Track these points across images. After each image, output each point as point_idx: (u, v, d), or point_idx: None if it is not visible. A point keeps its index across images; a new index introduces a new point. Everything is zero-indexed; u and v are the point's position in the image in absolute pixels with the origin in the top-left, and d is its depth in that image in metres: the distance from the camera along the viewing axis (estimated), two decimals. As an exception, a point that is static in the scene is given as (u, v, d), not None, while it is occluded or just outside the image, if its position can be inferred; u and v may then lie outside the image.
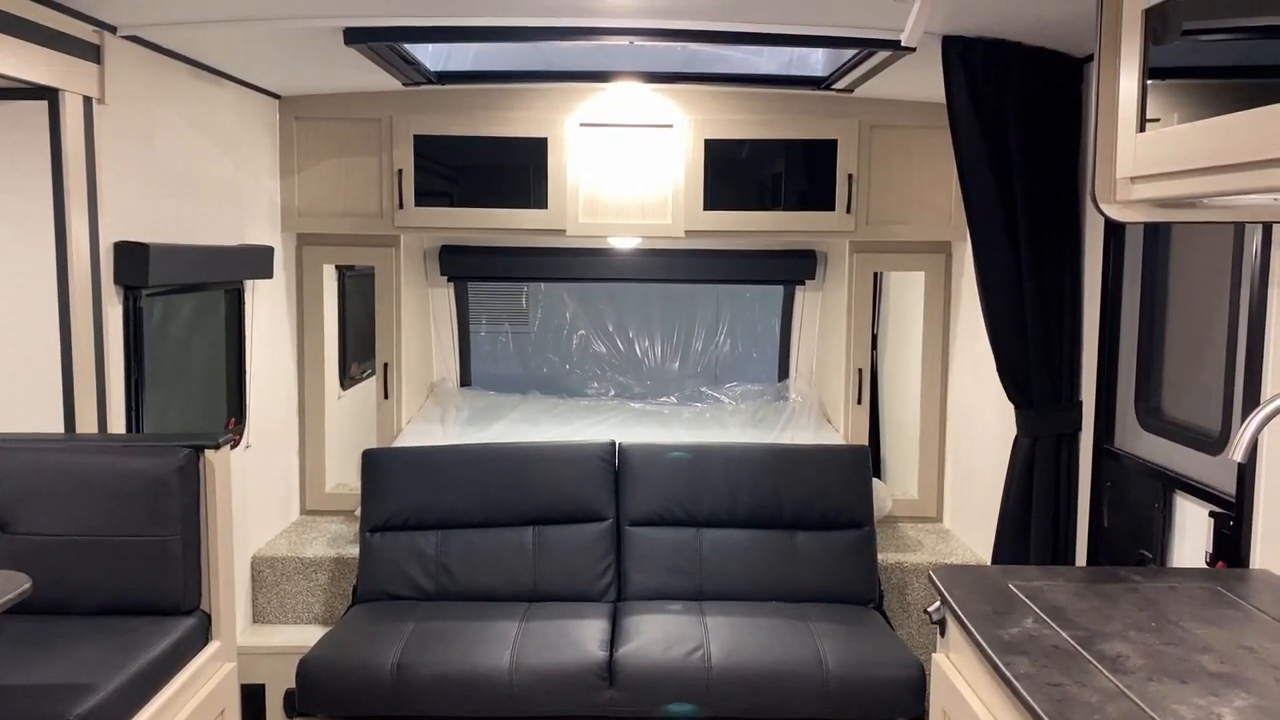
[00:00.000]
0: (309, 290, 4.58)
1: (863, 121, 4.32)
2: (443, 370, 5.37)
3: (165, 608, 2.63)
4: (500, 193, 4.42)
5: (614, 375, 5.68)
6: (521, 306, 5.85)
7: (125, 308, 3.06)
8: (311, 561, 4.15)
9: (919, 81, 3.87)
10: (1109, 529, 3.12)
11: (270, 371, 4.29)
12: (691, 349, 5.77)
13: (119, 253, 2.99)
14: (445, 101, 4.29)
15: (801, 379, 5.34)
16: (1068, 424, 3.32)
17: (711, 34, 3.06)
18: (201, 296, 3.71)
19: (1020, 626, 1.96)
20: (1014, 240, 3.21)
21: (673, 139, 4.32)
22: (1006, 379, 3.36)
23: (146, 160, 3.22)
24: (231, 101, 3.88)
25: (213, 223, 3.71)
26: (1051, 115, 3.19)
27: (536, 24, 3.00)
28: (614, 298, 5.70)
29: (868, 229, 4.39)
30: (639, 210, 4.37)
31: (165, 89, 3.34)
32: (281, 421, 4.47)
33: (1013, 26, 2.96)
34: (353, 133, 4.36)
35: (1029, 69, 3.12)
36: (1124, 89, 2.03)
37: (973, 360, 4.30)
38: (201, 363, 3.82)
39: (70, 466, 2.58)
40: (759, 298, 5.70)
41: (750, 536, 3.91)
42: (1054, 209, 3.23)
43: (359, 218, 4.40)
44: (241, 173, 3.99)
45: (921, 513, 4.69)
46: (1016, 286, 3.24)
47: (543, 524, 3.92)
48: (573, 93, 4.28)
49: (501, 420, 4.88)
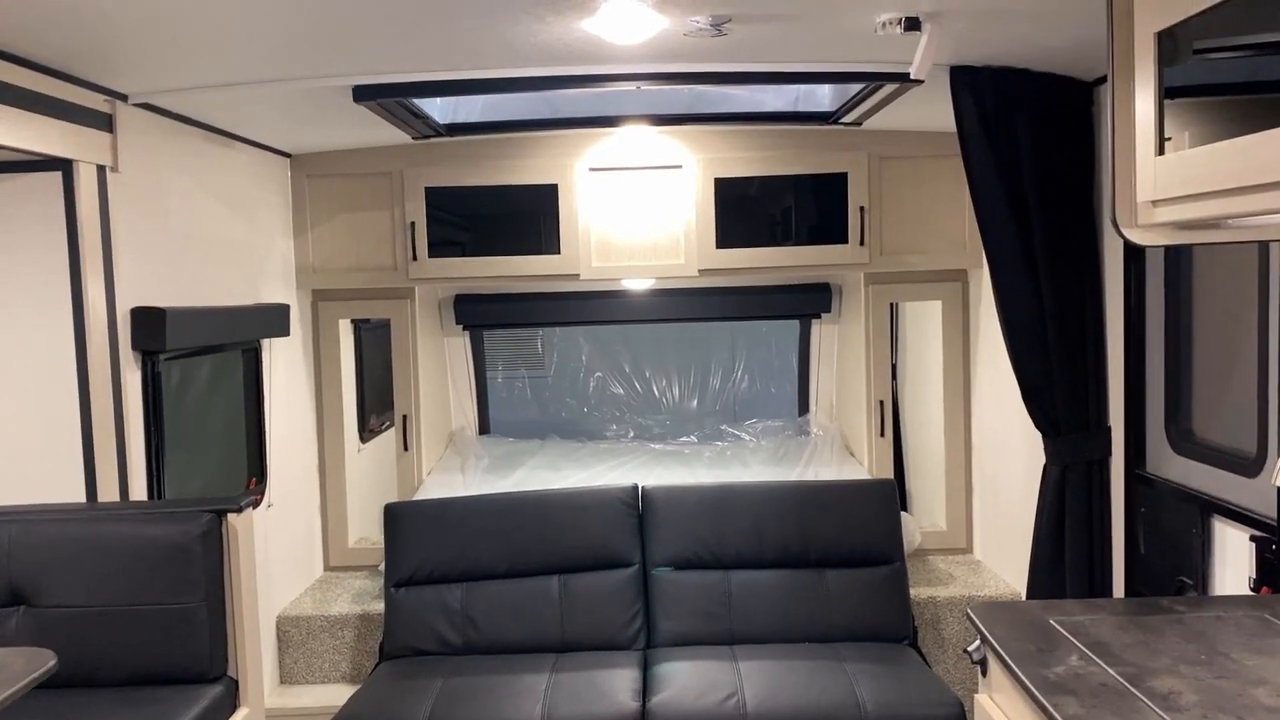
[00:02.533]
0: (325, 345, 4.59)
1: (872, 153, 4.31)
2: (461, 419, 5.35)
3: (192, 676, 2.60)
4: (513, 240, 4.43)
5: (632, 416, 5.65)
6: (537, 351, 5.84)
7: (144, 373, 3.06)
8: (337, 619, 4.11)
9: (927, 112, 3.86)
10: (1146, 556, 3.06)
11: (289, 428, 4.28)
12: (709, 387, 5.74)
13: (136, 318, 2.99)
14: (455, 153, 4.31)
15: (822, 413, 5.30)
16: (1097, 450, 3.26)
17: (718, 76, 3.07)
18: (219, 357, 3.71)
19: (1065, 664, 1.91)
20: (1032, 266, 3.18)
21: (682, 179, 4.32)
22: (1032, 406, 3.31)
23: (160, 225, 3.24)
24: (243, 162, 3.91)
25: (227, 283, 3.72)
26: (1064, 139, 3.18)
27: (544, 74, 3.01)
28: (629, 339, 5.68)
29: (882, 260, 4.37)
30: (652, 251, 4.36)
31: (177, 154, 3.36)
32: (302, 478, 4.45)
33: (1020, 54, 2.95)
34: (364, 188, 4.38)
35: (1039, 95, 3.11)
36: (1140, 112, 2.01)
37: (996, 388, 4.25)
38: (221, 423, 3.81)
39: (92, 537, 2.57)
40: (774, 332, 5.67)
41: (779, 576, 3.85)
42: (1071, 233, 3.20)
43: (373, 271, 4.41)
44: (254, 232, 4.01)
45: (951, 544, 4.61)
46: (1038, 313, 3.20)
47: (568, 572, 3.87)
48: (581, 138, 4.30)
49: (522, 467, 4.85)
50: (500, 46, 2.72)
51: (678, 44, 2.76)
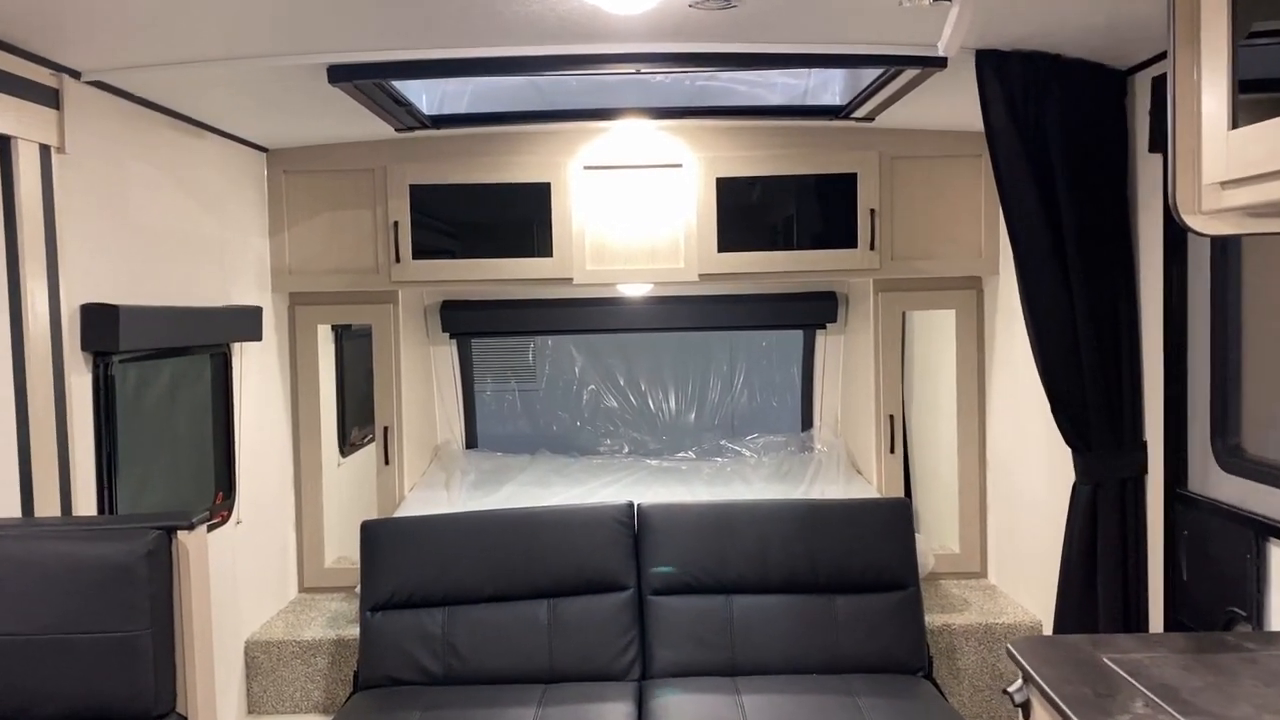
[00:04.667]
0: (303, 352, 4.33)
1: (883, 153, 4.08)
2: (447, 432, 5.09)
3: (136, 712, 2.31)
4: (503, 242, 4.19)
5: (627, 431, 5.41)
6: (528, 362, 5.59)
7: (95, 375, 2.80)
8: (310, 644, 3.84)
9: (942, 108, 3.64)
10: (1189, 583, 2.80)
11: (262, 440, 4.02)
12: (708, 400, 5.51)
13: (86, 316, 2.73)
14: (441, 148, 4.07)
15: (826, 428, 5.05)
16: (1132, 467, 3.02)
17: (725, 57, 2.82)
18: (183, 361, 3.45)
19: (1130, 713, 1.66)
20: (1063, 267, 2.93)
21: (682, 179, 4.09)
22: (1062, 420, 3.06)
23: (117, 216, 2.98)
24: (214, 155, 3.65)
25: (195, 283, 3.47)
26: (1096, 131, 2.94)
27: (534, 53, 2.76)
28: (624, 350, 5.45)
29: (893, 266, 4.13)
30: (649, 255, 4.12)
31: (139, 141, 3.11)
32: (276, 493, 4.18)
33: (1052, 36, 2.72)
34: (345, 185, 4.13)
35: (1069, 83, 2.87)
36: (1209, 83, 1.78)
37: (1013, 401, 4.01)
38: (185, 434, 3.54)
39: (22, 556, 2.28)
40: (775, 343, 5.45)
41: (784, 602, 3.57)
42: (1105, 231, 2.96)
43: (354, 274, 4.16)
44: (227, 230, 3.75)
45: (964, 568, 4.36)
46: (1069, 317, 2.96)
47: (558, 596, 3.59)
48: (576, 134, 4.06)
49: (510, 483, 4.58)
50: (487, 19, 2.48)
51: (682, 18, 2.52)
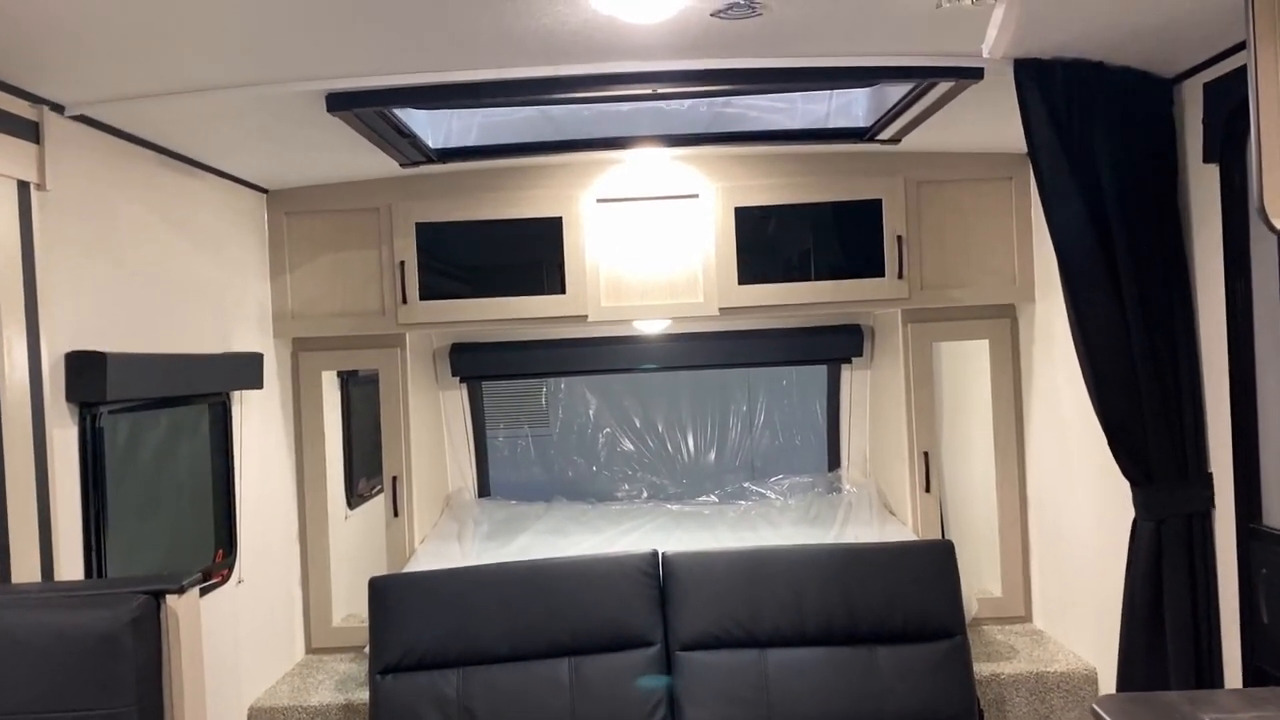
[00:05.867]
0: (307, 400, 4.14)
1: (908, 178, 3.91)
2: (458, 480, 4.87)
3: (122, 798, 2.09)
4: (513, 280, 4.01)
5: (646, 475, 5.20)
6: (541, 406, 5.39)
7: (81, 428, 2.61)
8: (317, 710, 3.61)
9: (971, 128, 3.48)
10: (1270, 627, 2.57)
11: (265, 493, 3.82)
12: (728, 440, 5.30)
13: (71, 364, 2.55)
14: (448, 184, 3.91)
15: (855, 467, 4.83)
16: (1198, 501, 2.79)
17: (748, 73, 2.65)
18: (179, 412, 3.26)
19: (1254, 788, 1.43)
20: (1116, 288, 2.73)
21: (700, 209, 3.92)
22: (1120, 451, 2.84)
23: (107, 259, 2.81)
24: (211, 195, 3.50)
25: (191, 329, 3.29)
26: (1145, 143, 2.76)
27: (546, 74, 2.60)
28: (639, 390, 5.25)
29: (923, 295, 3.94)
30: (667, 289, 3.94)
31: (130, 179, 2.95)
32: (280, 549, 3.97)
33: (1097, 42, 2.54)
34: (349, 225, 3.97)
35: (1115, 92, 2.69)
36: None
37: (1056, 434, 3.79)
38: (182, 488, 3.34)
39: (-4, 627, 2.08)
40: (796, 380, 5.25)
41: (823, 655, 3.33)
42: (1158, 248, 2.77)
43: (359, 317, 3.99)
44: (225, 273, 3.59)
45: (1008, 612, 4.11)
46: (1124, 342, 2.75)
47: (580, 654, 3.35)
48: (587, 166, 3.90)
49: (525, 533, 4.37)
50: (496, 34, 2.32)
51: (702, 30, 2.35)
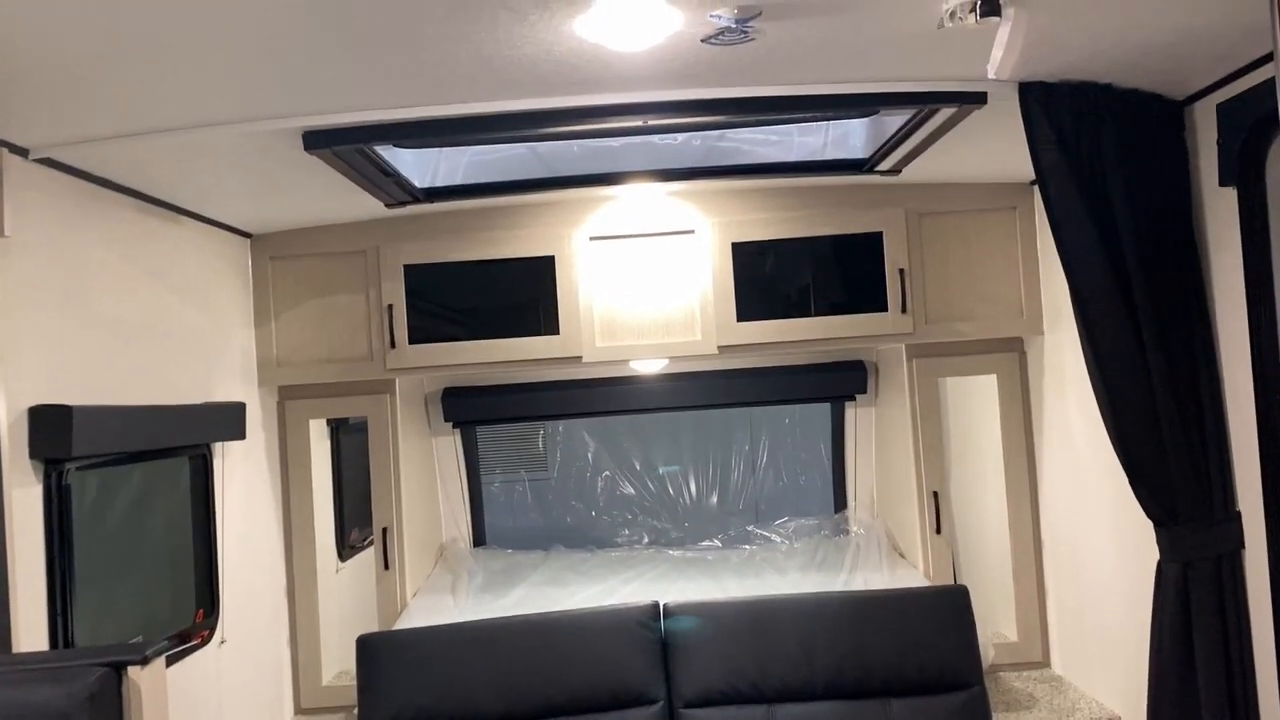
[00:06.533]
0: (294, 450, 4.01)
1: (909, 210, 3.81)
2: (453, 530, 4.73)
3: None
4: (505, 322, 3.89)
5: (646, 519, 5.06)
6: (538, 450, 5.25)
7: (46, 486, 2.47)
8: (304, 775, 3.44)
9: (973, 157, 3.38)
10: (1310, 675, 2.41)
11: (251, 548, 3.67)
12: (730, 482, 5.17)
13: (34, 419, 2.42)
14: (437, 225, 3.81)
15: (862, 508, 4.69)
16: (1227, 541, 2.64)
17: (742, 103, 2.55)
18: (155, 466, 3.12)
19: None
20: (1133, 318, 2.61)
21: (696, 245, 3.81)
22: (1141, 489, 2.70)
23: (75, 307, 2.68)
24: (192, 241, 3.39)
25: (170, 379, 3.17)
26: (1157, 167, 2.65)
27: (531, 107, 2.50)
28: (638, 432, 5.13)
29: (927, 329, 3.82)
30: (664, 328, 3.82)
31: (100, 225, 2.83)
32: (267, 606, 3.81)
33: (1105, 63, 2.44)
34: (335, 269, 3.87)
35: (1125, 114, 2.59)
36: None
37: (1069, 471, 3.65)
38: (159, 547, 3.20)
39: (-59, 708, 1.93)
40: (799, 418, 5.12)
41: (834, 710, 3.15)
42: (1174, 277, 2.65)
43: (346, 363, 3.87)
44: (207, 321, 3.47)
45: (1025, 658, 3.95)
46: (1143, 374, 2.62)
47: (578, 714, 3.17)
48: (579, 203, 3.80)
49: (522, 584, 4.21)
50: (475, 66, 2.21)
51: (693, 57, 2.25)
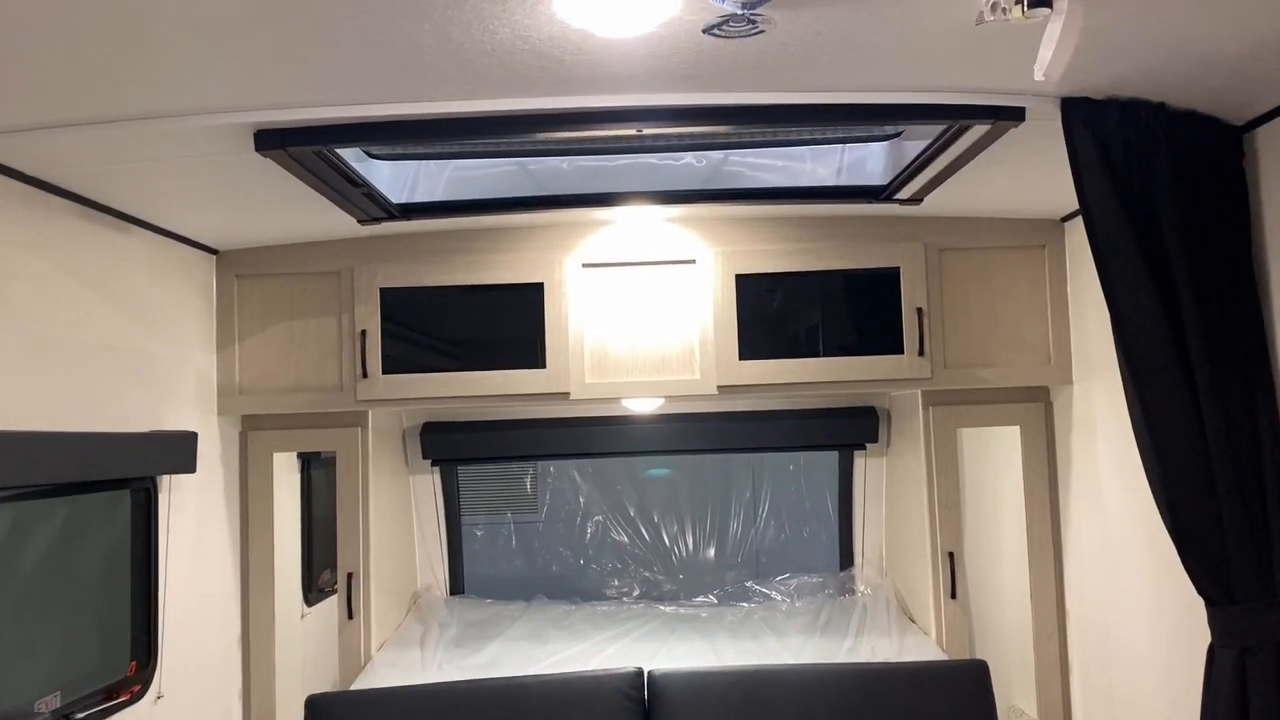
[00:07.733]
0: (256, 485, 3.69)
1: (929, 244, 3.51)
2: (428, 576, 4.39)
3: None
4: (488, 353, 3.59)
5: (638, 570, 4.73)
6: (526, 491, 4.92)
7: (-57, 523, 2.17)
8: None
9: (1000, 187, 3.09)
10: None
11: (200, 593, 3.34)
12: (729, 533, 4.83)
13: (-70, 446, 2.13)
14: (416, 246, 3.52)
15: (870, 567, 4.35)
16: (1291, 625, 2.32)
17: (746, 111, 2.26)
18: (87, 500, 2.81)
19: None
20: (1186, 367, 2.30)
21: (696, 276, 3.52)
22: (1193, 564, 2.37)
23: (-5, 322, 2.39)
24: (143, 253, 3.10)
25: (111, 405, 2.86)
26: (1215, 198, 2.35)
27: (509, 109, 2.21)
28: (633, 475, 4.80)
29: (946, 375, 3.51)
30: (659, 365, 3.52)
31: (29, 231, 2.54)
32: (216, 657, 3.48)
33: (1160, 77, 2.15)
34: (306, 290, 3.58)
35: (1179, 138, 2.30)
36: None
37: (1100, 535, 3.32)
38: (87, 590, 2.87)
39: None
40: (805, 467, 4.80)
41: (836, 799, 2.83)
42: (1234, 321, 2.34)
43: (315, 393, 3.57)
44: (159, 342, 3.17)
45: (1046, 738, 3.60)
46: (1197, 431, 2.30)
47: (549, 794, 2.86)
48: (572, 227, 3.52)
49: (498, 639, 3.87)
50: (443, 54, 1.92)
51: (694, 51, 1.96)
